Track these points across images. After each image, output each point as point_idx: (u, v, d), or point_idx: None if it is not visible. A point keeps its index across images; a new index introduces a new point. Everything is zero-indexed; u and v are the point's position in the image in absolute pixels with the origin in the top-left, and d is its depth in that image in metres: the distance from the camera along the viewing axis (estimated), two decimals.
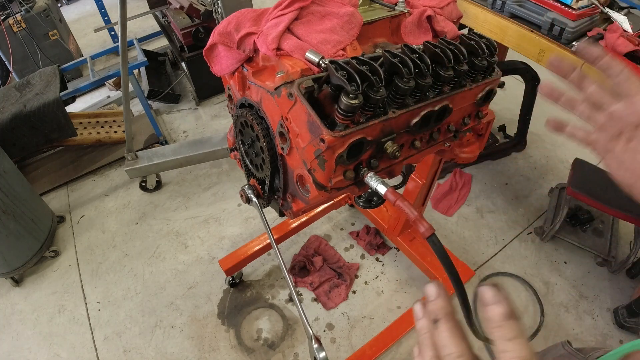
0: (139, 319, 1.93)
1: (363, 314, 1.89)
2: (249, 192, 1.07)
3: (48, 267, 2.19)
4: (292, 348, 1.79)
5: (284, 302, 1.95)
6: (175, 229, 2.32)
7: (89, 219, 2.43)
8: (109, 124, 2.84)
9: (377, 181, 0.75)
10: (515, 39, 1.67)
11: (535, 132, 2.72)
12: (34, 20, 3.15)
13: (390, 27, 0.99)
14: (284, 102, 0.77)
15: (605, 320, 1.82)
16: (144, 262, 2.17)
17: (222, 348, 1.81)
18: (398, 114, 0.76)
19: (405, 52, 0.74)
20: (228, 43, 0.91)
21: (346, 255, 2.12)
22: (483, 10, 1.75)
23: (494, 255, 2.09)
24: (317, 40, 0.82)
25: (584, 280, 1.97)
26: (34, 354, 1.85)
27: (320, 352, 1.00)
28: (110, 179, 2.67)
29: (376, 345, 1.66)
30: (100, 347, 1.85)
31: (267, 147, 0.88)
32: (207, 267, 2.11)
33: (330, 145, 0.69)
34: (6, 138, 2.20)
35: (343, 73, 0.66)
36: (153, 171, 2.44)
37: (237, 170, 2.62)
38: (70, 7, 5.15)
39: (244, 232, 2.26)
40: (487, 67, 0.86)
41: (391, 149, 0.78)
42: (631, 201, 0.53)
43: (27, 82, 2.48)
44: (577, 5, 1.47)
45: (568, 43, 1.51)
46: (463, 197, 2.38)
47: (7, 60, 3.17)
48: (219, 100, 3.24)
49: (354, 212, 2.32)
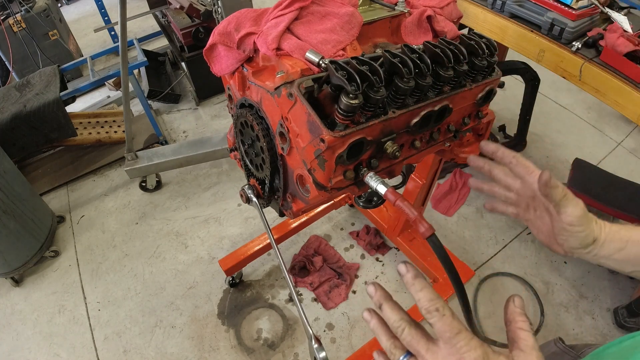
0: (139, 319, 1.93)
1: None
2: (249, 192, 1.07)
3: (48, 267, 2.19)
4: (292, 348, 1.79)
5: (284, 302, 1.95)
6: (175, 229, 2.32)
7: (89, 219, 2.43)
8: (109, 124, 2.84)
9: (377, 181, 0.75)
10: (515, 39, 1.67)
11: (535, 132, 2.72)
12: (34, 20, 3.15)
13: (390, 27, 0.99)
14: (284, 102, 0.76)
15: (605, 320, 1.82)
16: (144, 262, 2.17)
17: (222, 348, 1.81)
18: (398, 114, 0.76)
19: (405, 52, 0.74)
20: (228, 43, 0.91)
21: (346, 255, 2.12)
22: (483, 10, 1.75)
23: (494, 255, 2.09)
24: (317, 40, 0.82)
25: (584, 280, 1.97)
26: (34, 354, 1.85)
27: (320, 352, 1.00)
28: (110, 179, 2.67)
29: (376, 345, 1.66)
30: (100, 347, 1.85)
31: (267, 147, 0.88)
32: (207, 267, 2.11)
33: (330, 145, 0.69)
34: (6, 138, 2.21)
35: (343, 73, 0.66)
36: (153, 171, 2.44)
37: (237, 170, 2.62)
38: (70, 7, 5.15)
39: (244, 232, 2.26)
40: (487, 67, 0.85)
41: (391, 149, 0.78)
42: (631, 201, 0.56)
43: (27, 82, 2.48)
44: (577, 5, 1.47)
45: (568, 43, 1.51)
46: (463, 197, 2.38)
47: (7, 60, 3.17)
48: (219, 100, 3.24)
49: (354, 212, 2.32)
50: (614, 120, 2.85)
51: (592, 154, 2.61)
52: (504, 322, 0.50)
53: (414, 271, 0.47)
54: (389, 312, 0.48)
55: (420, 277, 0.46)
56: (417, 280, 0.46)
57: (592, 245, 0.60)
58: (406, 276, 0.46)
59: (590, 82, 1.46)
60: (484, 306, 1.89)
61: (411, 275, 0.46)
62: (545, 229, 0.67)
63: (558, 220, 0.60)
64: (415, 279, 0.46)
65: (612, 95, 1.42)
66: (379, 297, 0.49)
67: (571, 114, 2.94)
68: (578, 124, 2.87)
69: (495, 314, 1.86)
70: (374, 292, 0.50)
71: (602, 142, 2.72)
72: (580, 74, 1.47)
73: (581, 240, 0.60)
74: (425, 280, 0.47)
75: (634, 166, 2.55)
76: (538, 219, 0.68)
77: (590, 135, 2.78)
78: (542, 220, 0.67)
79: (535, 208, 0.69)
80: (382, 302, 0.49)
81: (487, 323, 1.84)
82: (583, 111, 2.95)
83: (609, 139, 2.74)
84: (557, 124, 2.85)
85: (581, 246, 0.61)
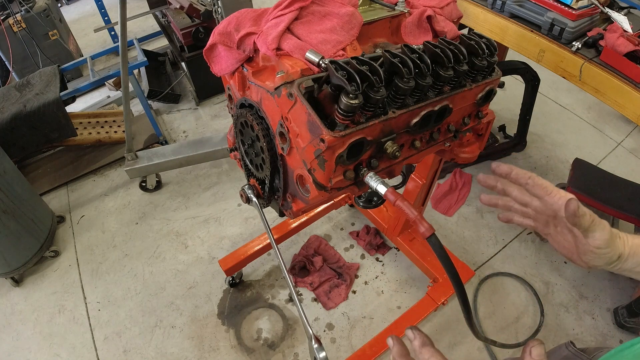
0: (139, 319, 1.93)
1: (363, 314, 1.89)
2: (249, 192, 1.07)
3: (48, 267, 2.19)
4: (292, 348, 1.79)
5: (284, 302, 1.95)
6: (175, 229, 2.32)
7: (89, 219, 2.43)
8: (109, 124, 2.84)
9: (377, 181, 0.75)
10: (515, 39, 1.67)
11: (535, 132, 2.72)
12: (34, 20, 3.15)
13: (390, 27, 0.99)
14: (284, 102, 0.76)
15: (605, 320, 1.82)
16: (144, 262, 2.17)
17: (222, 348, 1.81)
18: (398, 114, 0.76)
19: (405, 52, 0.74)
20: (228, 43, 0.91)
21: (346, 255, 2.12)
22: (483, 10, 1.75)
23: (494, 255, 2.09)
24: (317, 40, 0.82)
25: (584, 280, 1.97)
26: (34, 354, 1.85)
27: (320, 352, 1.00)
28: (110, 179, 2.67)
29: (376, 345, 1.66)
30: (100, 347, 1.85)
31: (267, 147, 0.88)
32: (207, 267, 2.11)
33: (330, 145, 0.69)
34: (6, 138, 2.20)
35: (343, 73, 0.66)
36: (153, 171, 2.44)
37: (237, 170, 2.62)
38: (70, 7, 5.15)
39: (244, 232, 2.26)
40: (487, 67, 0.86)
41: (391, 149, 0.78)
42: (631, 201, 0.57)
43: (27, 82, 2.47)
44: (577, 5, 1.47)
45: (568, 43, 1.51)
46: (463, 197, 2.38)
47: (7, 60, 3.17)
48: (219, 100, 3.24)
49: (354, 212, 2.32)
50: (614, 120, 2.85)
51: (592, 154, 2.61)
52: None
53: (421, 338, 0.47)
54: (427, 355, 0.48)
55: (428, 345, 0.47)
56: (425, 349, 0.46)
57: (617, 262, 0.61)
58: (413, 343, 0.47)
59: (590, 82, 1.46)
60: (484, 306, 1.89)
61: (418, 344, 0.47)
62: (567, 245, 0.66)
63: (584, 243, 0.60)
64: (422, 347, 0.46)
65: (612, 95, 1.42)
66: (419, 343, 0.49)
67: (571, 114, 2.94)
68: (578, 124, 2.87)
69: (495, 314, 1.86)
70: (414, 338, 0.50)
71: (602, 142, 2.72)
72: (580, 74, 1.47)
73: (607, 260, 0.61)
74: (432, 348, 0.47)
75: (634, 166, 2.55)
76: (559, 235, 0.68)
77: (590, 135, 2.78)
78: (563, 236, 0.67)
79: (555, 225, 0.68)
80: (422, 347, 0.49)
81: (487, 323, 1.84)
82: (583, 111, 2.95)
83: (609, 139, 2.74)
84: (557, 124, 2.85)
85: (606, 264, 0.61)
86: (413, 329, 0.51)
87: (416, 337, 0.50)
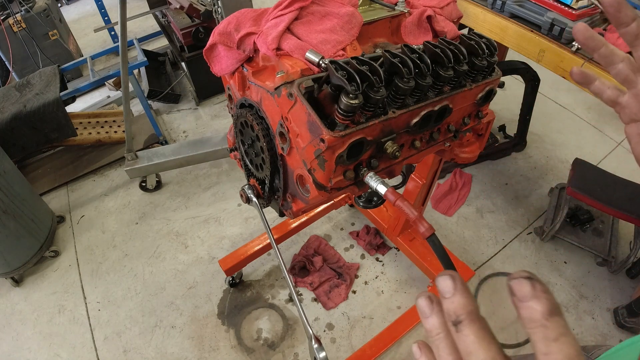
0: (139, 319, 1.93)
1: (363, 314, 1.89)
2: (249, 192, 1.07)
3: (48, 267, 2.19)
4: (292, 348, 1.79)
5: (284, 302, 1.95)
6: (175, 229, 2.32)
7: (89, 219, 2.43)
8: (109, 124, 2.84)
9: (377, 181, 0.75)
10: (515, 39, 1.67)
11: (535, 132, 2.72)
12: (34, 20, 3.15)
13: (390, 27, 0.99)
14: (284, 102, 0.76)
15: (605, 320, 1.82)
16: (144, 262, 2.17)
17: (222, 348, 1.81)
18: (398, 114, 0.76)
19: (405, 52, 0.74)
20: (228, 43, 0.91)
21: (346, 255, 2.12)
22: (483, 10, 1.75)
23: (494, 255, 2.09)
24: (317, 40, 0.82)
25: (584, 280, 1.97)
26: (34, 354, 1.85)
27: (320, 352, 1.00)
28: (110, 179, 2.67)
29: (376, 345, 1.66)
30: (100, 347, 1.85)
31: (267, 147, 0.88)
32: (207, 267, 2.11)
33: (330, 145, 0.69)
34: (6, 138, 2.20)
35: (343, 73, 0.66)
36: (153, 171, 2.44)
37: (237, 170, 2.62)
38: (70, 7, 5.15)
39: (244, 232, 2.26)
40: (487, 67, 0.86)
41: (391, 149, 0.78)
42: (631, 201, 0.55)
43: (27, 82, 2.47)
44: (577, 5, 1.47)
45: (568, 43, 1.51)
46: (463, 197, 2.38)
47: (7, 60, 3.17)
48: (219, 100, 3.24)
49: (354, 212, 2.32)
50: (614, 120, 2.85)
51: (592, 154, 2.61)
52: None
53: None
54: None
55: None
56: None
57: None
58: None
59: None
60: (484, 306, 1.89)
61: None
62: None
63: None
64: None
65: None
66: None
67: (571, 114, 2.94)
68: (578, 124, 2.87)
69: (495, 314, 1.86)
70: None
71: (602, 142, 2.72)
72: None
73: None
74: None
75: (634, 166, 2.54)
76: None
77: (590, 135, 2.78)
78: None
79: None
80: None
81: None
82: (583, 111, 2.95)
83: (609, 139, 2.74)
84: (557, 124, 2.85)
85: None
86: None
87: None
